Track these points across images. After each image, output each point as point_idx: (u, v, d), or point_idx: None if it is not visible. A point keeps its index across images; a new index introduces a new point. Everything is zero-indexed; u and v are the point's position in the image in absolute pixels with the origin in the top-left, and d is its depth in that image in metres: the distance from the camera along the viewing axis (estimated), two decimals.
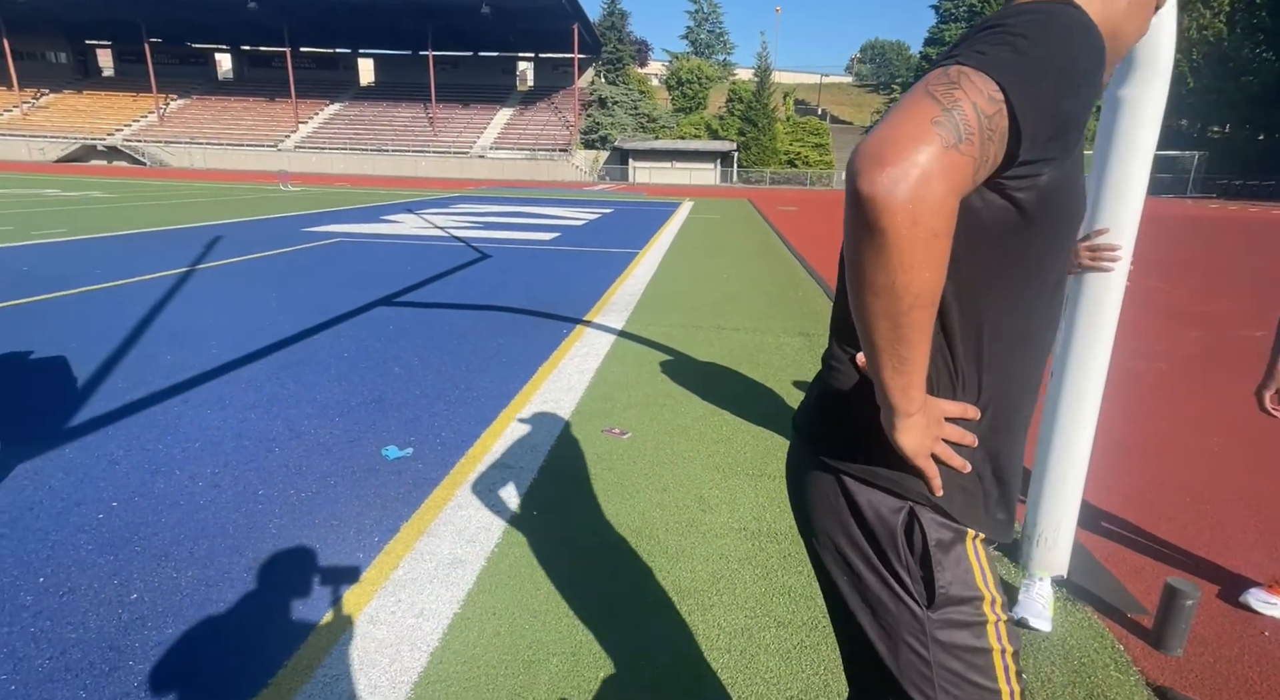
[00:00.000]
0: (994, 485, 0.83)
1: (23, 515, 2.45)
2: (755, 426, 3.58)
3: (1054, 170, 0.72)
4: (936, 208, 0.63)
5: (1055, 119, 0.69)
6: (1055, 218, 0.75)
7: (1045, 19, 0.69)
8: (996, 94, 0.65)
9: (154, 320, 5.40)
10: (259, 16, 41.00)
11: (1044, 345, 0.85)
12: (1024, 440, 0.88)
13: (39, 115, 45.06)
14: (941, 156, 0.63)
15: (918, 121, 0.63)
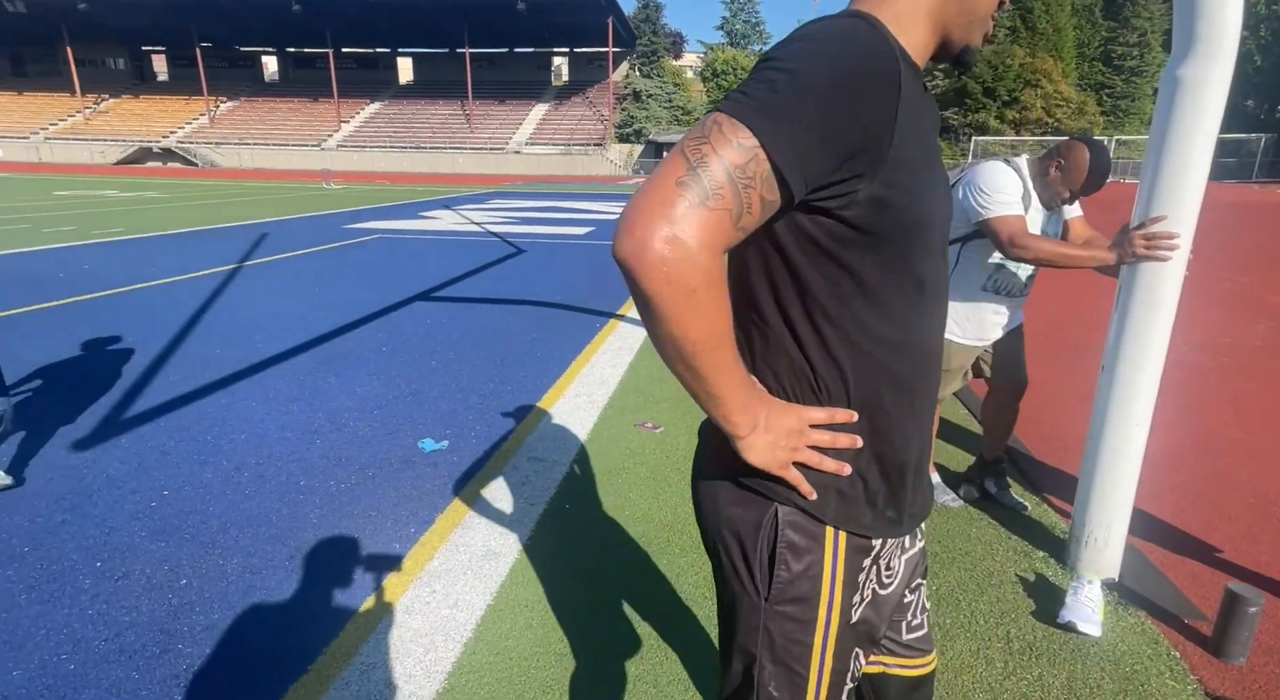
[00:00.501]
0: (881, 485, 0.86)
1: (82, 502, 2.57)
2: None
3: (872, 184, 0.73)
4: (689, 266, 0.66)
5: (826, 145, 0.69)
6: (895, 225, 0.76)
7: (812, 44, 0.71)
8: (748, 141, 0.67)
9: (203, 315, 5.59)
10: (303, 19, 42.04)
11: (924, 346, 0.86)
12: (919, 439, 0.89)
13: (99, 120, 47.11)
14: (687, 216, 0.66)
15: (665, 184, 0.67)
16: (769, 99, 0.68)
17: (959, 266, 2.40)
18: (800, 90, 0.67)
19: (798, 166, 0.68)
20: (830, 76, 0.68)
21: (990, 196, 2.17)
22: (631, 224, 0.67)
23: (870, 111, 0.70)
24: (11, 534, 2.33)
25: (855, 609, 0.89)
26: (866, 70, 0.69)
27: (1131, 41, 48.31)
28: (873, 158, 0.71)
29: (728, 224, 0.68)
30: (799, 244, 0.77)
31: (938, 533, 2.47)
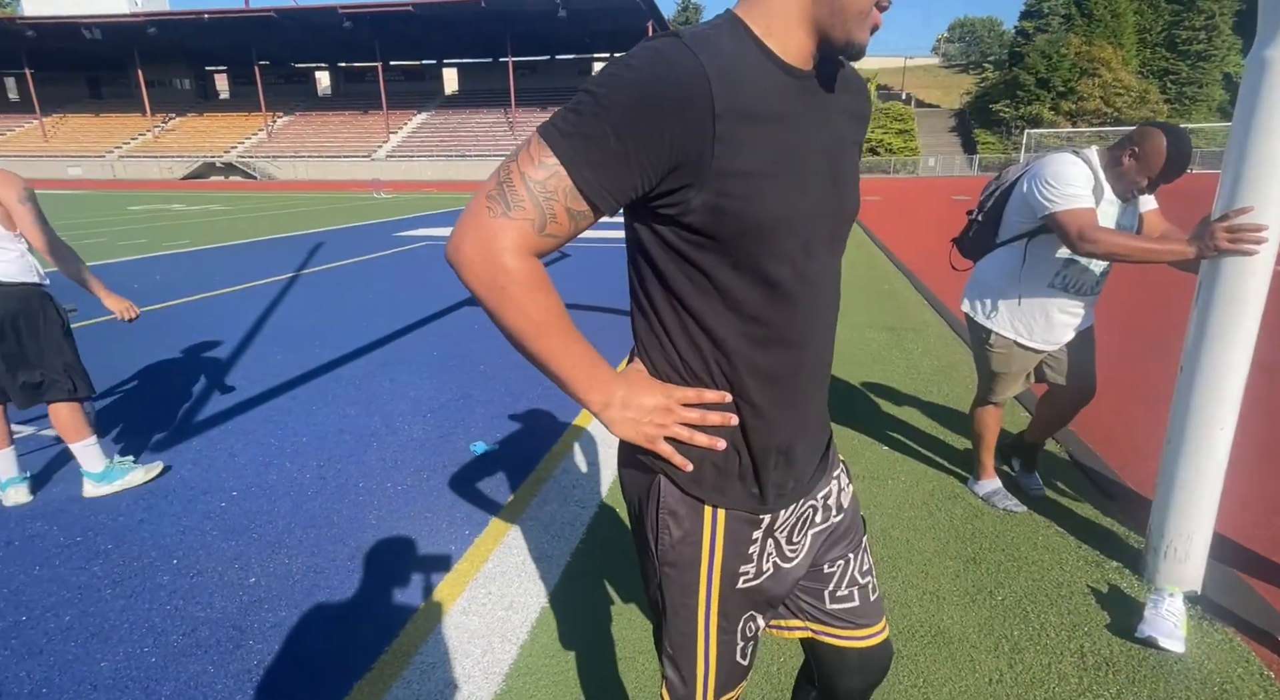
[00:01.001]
0: (747, 463, 0.92)
1: (158, 502, 2.69)
2: (840, 426, 3.46)
3: (703, 193, 0.78)
4: (494, 267, 0.78)
5: (628, 162, 0.75)
6: (734, 229, 0.81)
7: (620, 69, 0.76)
8: (549, 160, 0.76)
9: (265, 322, 5.82)
10: (354, 35, 43.47)
11: (790, 341, 0.90)
12: (789, 425, 0.94)
13: (167, 137, 49.67)
14: (490, 225, 0.78)
15: (478, 199, 0.79)
16: (574, 121, 0.76)
17: (1026, 264, 2.31)
18: (600, 113, 0.74)
19: (597, 182, 0.76)
20: (628, 100, 0.74)
21: (1057, 189, 2.08)
22: (453, 233, 0.80)
23: (677, 130, 0.75)
24: (97, 532, 2.47)
25: (745, 578, 0.96)
26: (667, 94, 0.74)
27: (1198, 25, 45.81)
28: (695, 170, 0.77)
29: (530, 231, 0.78)
30: (660, 247, 0.85)
31: (1001, 540, 2.38)
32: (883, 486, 2.81)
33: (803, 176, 0.83)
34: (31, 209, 2.47)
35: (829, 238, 0.91)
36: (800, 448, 0.97)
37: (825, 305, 0.94)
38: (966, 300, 2.58)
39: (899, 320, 5.68)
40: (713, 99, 0.75)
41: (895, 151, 46.84)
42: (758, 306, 0.86)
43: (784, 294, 0.87)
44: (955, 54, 76.75)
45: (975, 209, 2.54)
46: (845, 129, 0.93)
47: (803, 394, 0.95)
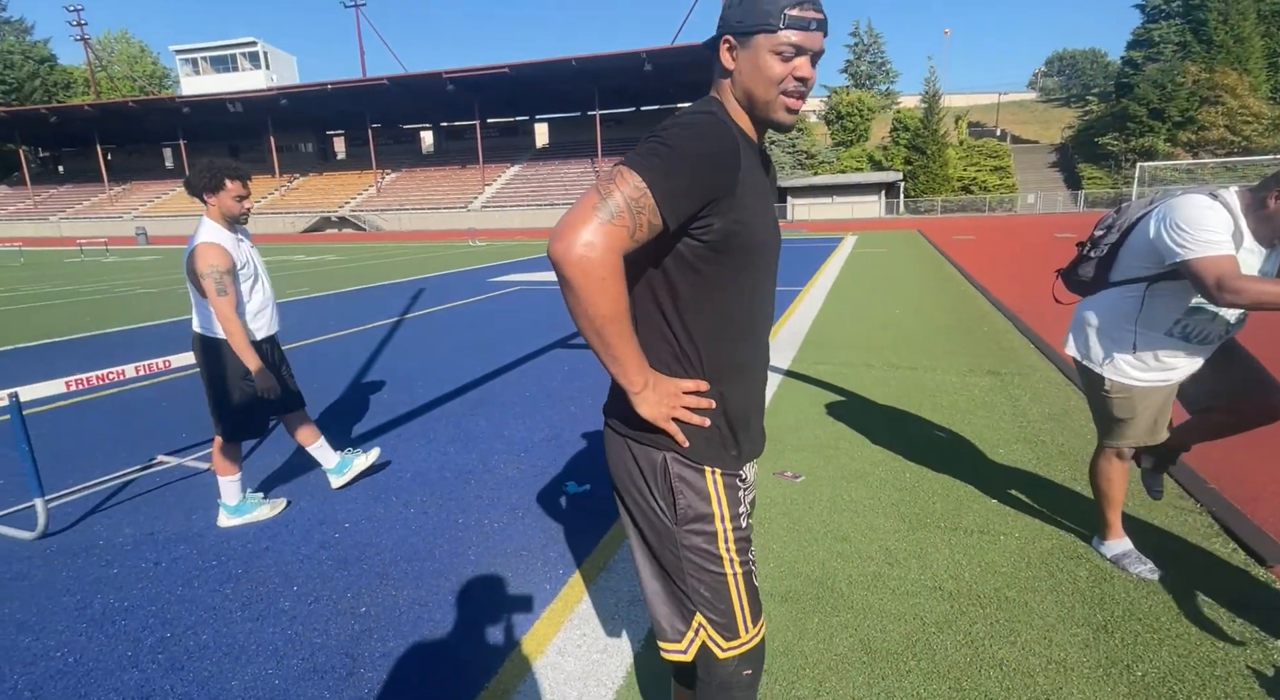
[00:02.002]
0: (728, 433, 1.21)
1: (280, 531, 2.90)
2: (942, 475, 3.29)
3: (723, 219, 1.07)
4: (598, 261, 0.99)
5: (691, 192, 1.02)
6: (739, 246, 1.11)
7: (685, 129, 1.04)
8: (640, 183, 1.00)
9: (373, 364, 6.23)
10: (455, 97, 46.92)
11: (756, 335, 1.22)
12: (750, 400, 1.24)
13: (291, 195, 54.89)
14: (598, 229, 0.99)
15: (584, 208, 1.00)
16: (655, 159, 1.01)
17: (1144, 309, 2.16)
18: (677, 156, 1.01)
19: (671, 204, 1.01)
20: (696, 149, 1.03)
21: (1191, 234, 1.93)
22: (561, 234, 1.00)
23: (720, 173, 1.05)
24: (229, 557, 2.68)
25: (742, 519, 1.24)
26: (717, 147, 1.04)
27: None
28: (724, 203, 1.06)
29: (625, 236, 1.00)
30: (674, 259, 1.11)
31: (1137, 607, 2.17)
32: (994, 542, 2.63)
33: (770, 214, 1.18)
34: (209, 284, 2.70)
35: (775, 259, 1.23)
36: (756, 422, 1.28)
37: (772, 310, 1.27)
38: (1073, 343, 2.43)
39: (1002, 364, 5.38)
40: (740, 153, 1.07)
41: (990, 189, 44.99)
42: (742, 305, 1.16)
43: (756, 297, 1.18)
44: (1054, 88, 73.57)
45: (1088, 242, 2.39)
46: (773, 190, 1.26)
47: (759, 376, 1.27)
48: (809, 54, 1.10)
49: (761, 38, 1.08)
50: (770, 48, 1.08)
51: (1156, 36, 44.61)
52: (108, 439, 4.21)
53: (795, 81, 1.10)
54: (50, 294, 12.86)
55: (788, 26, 1.07)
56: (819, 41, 1.11)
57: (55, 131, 56.36)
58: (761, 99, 1.11)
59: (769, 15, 1.06)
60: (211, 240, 2.72)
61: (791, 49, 1.08)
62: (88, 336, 8.03)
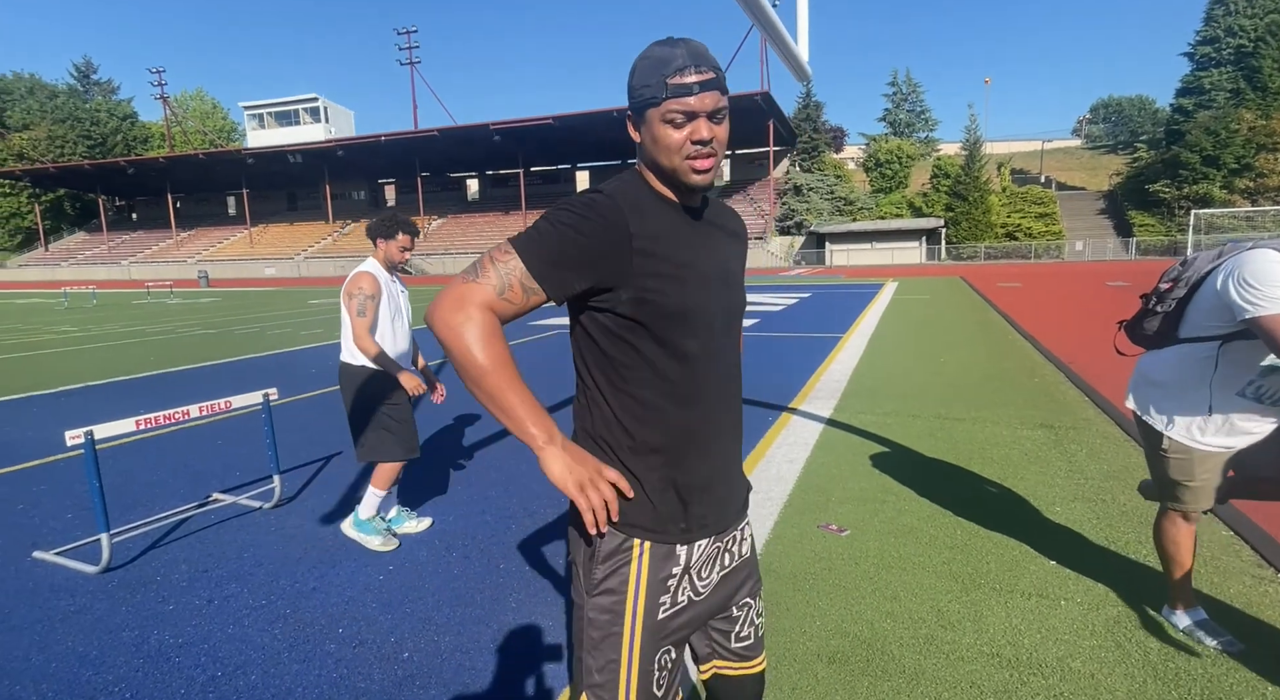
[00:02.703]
0: (677, 506, 1.15)
1: (328, 571, 2.95)
2: (995, 533, 3.17)
3: (630, 291, 1.08)
4: (463, 313, 1.04)
5: (563, 266, 1.06)
6: (656, 315, 1.10)
7: (567, 208, 1.08)
8: (511, 252, 1.06)
9: (418, 404, 6.36)
10: (500, 146, 48.88)
11: (699, 398, 1.17)
12: (706, 467, 1.18)
13: (344, 240, 57.32)
14: (462, 287, 1.05)
15: (457, 276, 1.07)
16: (531, 234, 1.07)
17: (1218, 369, 2.07)
18: (550, 231, 1.06)
19: (544, 268, 1.05)
20: (570, 223, 1.06)
21: (1261, 291, 1.87)
22: (437, 298, 1.07)
23: (605, 249, 1.06)
24: (278, 596, 2.73)
25: (664, 609, 1.15)
26: (592, 227, 1.06)
27: None
28: (621, 276, 1.07)
29: (491, 293, 1.04)
30: (600, 330, 1.13)
31: (1217, 685, 2.03)
32: (1054, 607, 2.51)
33: (702, 278, 1.14)
34: (353, 304, 3.06)
35: (726, 322, 1.20)
36: (720, 488, 1.21)
37: (726, 374, 1.22)
38: (1134, 398, 2.35)
39: (1056, 417, 5.20)
40: (628, 227, 1.07)
41: (1035, 236, 44.22)
42: (676, 372, 1.13)
43: (694, 363, 1.14)
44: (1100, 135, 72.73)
45: (1153, 295, 2.30)
46: (726, 246, 1.24)
47: (716, 443, 1.20)
48: (703, 116, 1.08)
49: (651, 111, 1.08)
50: (660, 118, 1.08)
51: (1207, 83, 43.93)
52: (167, 475, 4.38)
53: (694, 145, 1.08)
54: (119, 334, 13.58)
55: (670, 96, 1.06)
56: (710, 102, 1.07)
57: (131, 182, 60.51)
58: (667, 167, 1.11)
59: (651, 88, 1.07)
60: (367, 270, 3.16)
61: (681, 116, 1.07)
62: (152, 375, 8.43)
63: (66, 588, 2.85)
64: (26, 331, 14.30)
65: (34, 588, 2.86)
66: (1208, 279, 2.11)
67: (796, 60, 4.99)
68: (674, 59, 1.06)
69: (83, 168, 56.11)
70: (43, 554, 3.15)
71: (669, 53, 1.07)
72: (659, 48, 1.09)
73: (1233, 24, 43.17)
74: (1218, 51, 43.93)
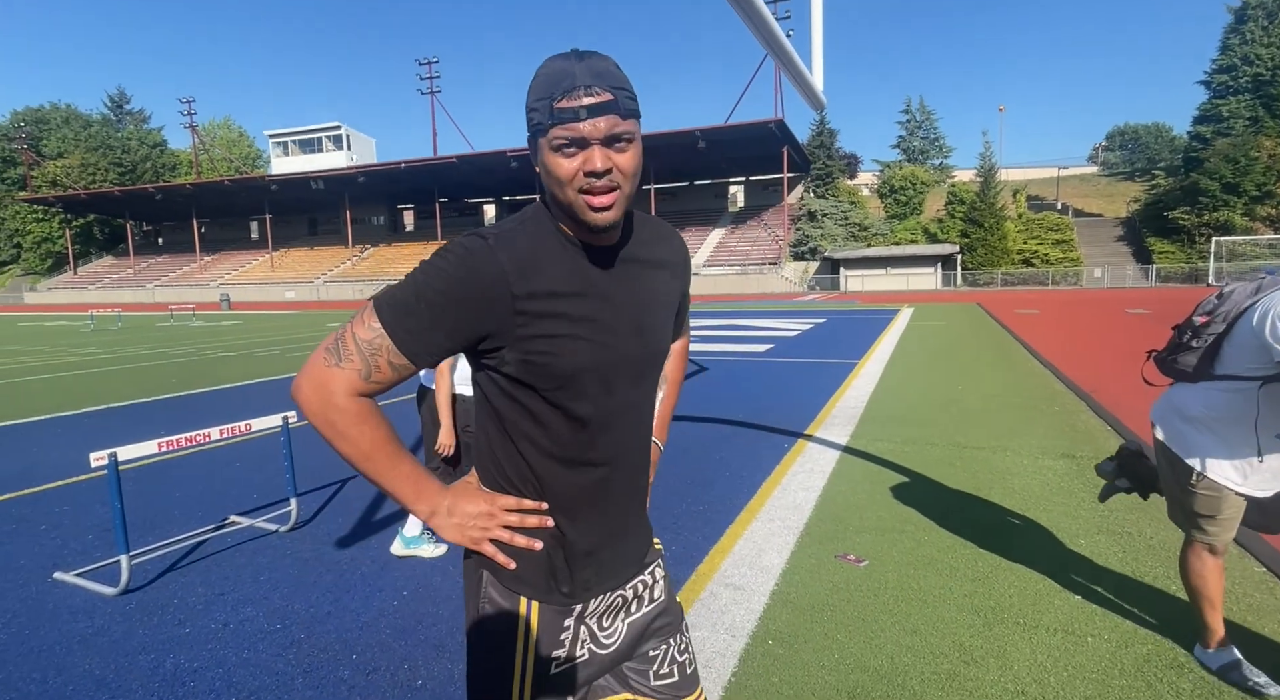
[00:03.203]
0: (563, 566, 1.07)
1: (342, 596, 2.95)
2: (1018, 565, 3.11)
3: (514, 350, 0.98)
4: (326, 406, 0.97)
5: (434, 329, 0.96)
6: (544, 376, 1.00)
7: (439, 261, 0.96)
8: (376, 325, 0.96)
9: None
10: (518, 173, 49.66)
11: (600, 461, 1.07)
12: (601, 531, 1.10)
13: (363, 264, 58.28)
14: (325, 373, 0.97)
15: (319, 353, 0.98)
16: (398, 298, 0.97)
17: (1261, 411, 2.02)
18: (419, 294, 0.95)
19: (412, 344, 0.96)
20: (439, 286, 0.95)
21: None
22: (297, 377, 0.99)
23: (479, 311, 0.96)
24: (292, 621, 2.73)
25: (557, 663, 1.08)
26: (467, 285, 0.95)
27: None
28: (503, 337, 0.98)
29: (357, 378, 0.97)
30: (493, 386, 1.04)
31: None
32: (1081, 644, 2.44)
33: (604, 334, 1.02)
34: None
35: (632, 376, 1.08)
36: (608, 553, 1.12)
37: (629, 432, 1.11)
38: (1164, 431, 2.30)
39: (1077, 447, 5.11)
40: (510, 287, 0.96)
41: (1052, 262, 43.92)
42: (567, 435, 1.04)
43: (587, 425, 1.04)
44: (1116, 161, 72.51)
45: (1187, 329, 2.23)
46: (653, 283, 1.11)
47: (612, 506, 1.11)
48: (596, 143, 0.93)
49: (541, 140, 0.96)
50: (549, 147, 0.94)
51: (1225, 111, 43.82)
52: (186, 497, 4.42)
53: (586, 177, 0.94)
54: (143, 356, 13.83)
55: (555, 122, 0.93)
56: (605, 126, 0.92)
57: (158, 207, 62.08)
58: (564, 202, 0.97)
59: (538, 113, 0.95)
60: None
61: (569, 144, 0.93)
62: (173, 397, 8.55)
63: (85, 609, 2.87)
64: (54, 353, 14.61)
65: (54, 609, 2.88)
66: (1245, 315, 2.03)
67: (811, 89, 5.06)
68: (564, 78, 0.92)
69: (112, 194, 57.76)
70: (63, 575, 3.18)
71: (562, 69, 0.93)
72: (554, 62, 0.95)
73: (1249, 53, 43.18)
74: (1235, 79, 43.89)
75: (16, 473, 5.07)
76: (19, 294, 62.12)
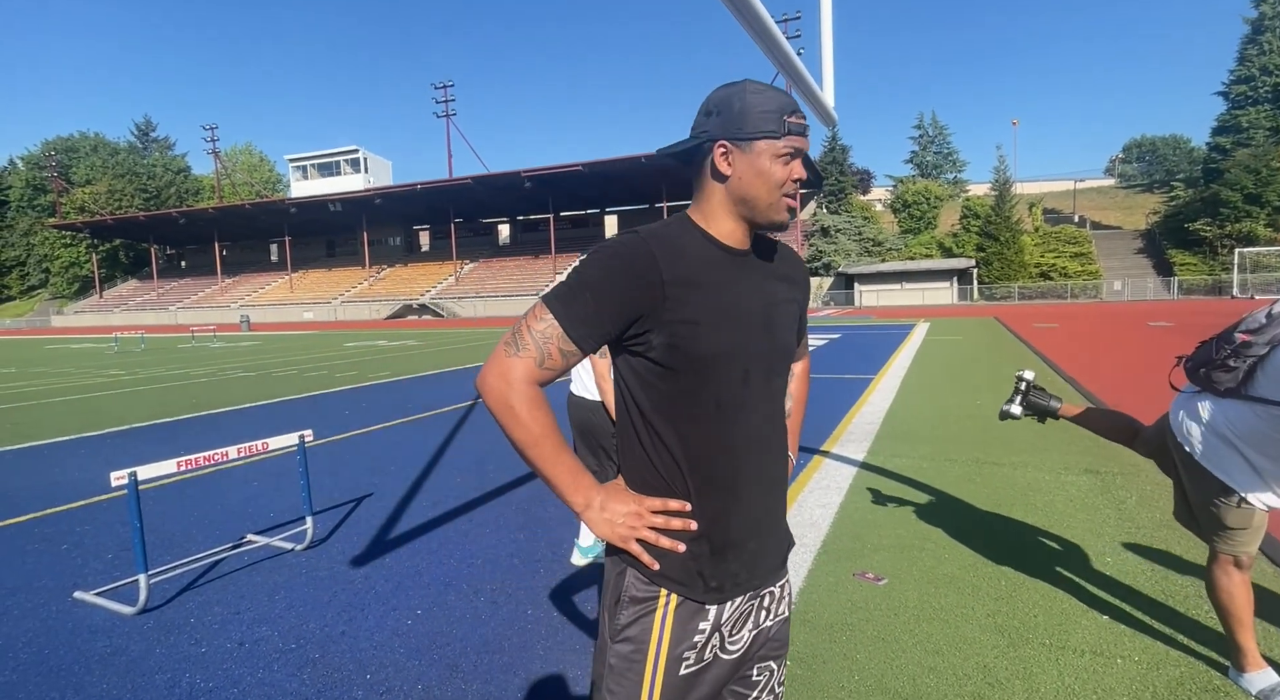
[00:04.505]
0: (709, 561, 1.12)
1: (356, 615, 2.94)
2: (1043, 583, 3.03)
3: (660, 334, 1.07)
4: (507, 391, 1.07)
5: (599, 315, 1.06)
6: (688, 362, 1.08)
7: (595, 256, 1.09)
8: (546, 316, 1.07)
9: (449, 446, 6.41)
10: (531, 193, 50.30)
11: (735, 448, 1.13)
12: (742, 521, 1.14)
13: (379, 285, 59.05)
14: (504, 362, 1.08)
15: (499, 346, 1.09)
16: (564, 291, 1.08)
17: None
18: (582, 284, 1.07)
19: (577, 330, 1.06)
20: (598, 274, 1.07)
21: None
22: (482, 368, 1.10)
23: (634, 292, 1.06)
24: (306, 640, 2.73)
25: (687, 663, 1.11)
26: (624, 269, 1.06)
27: None
28: (652, 319, 1.07)
29: (532, 365, 1.07)
30: (633, 375, 1.13)
31: None
32: (1110, 666, 2.37)
33: (737, 324, 1.11)
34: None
35: (765, 370, 1.16)
36: (754, 543, 1.16)
37: (765, 422, 1.17)
38: (1201, 445, 2.22)
39: (1101, 462, 5.01)
40: (661, 271, 1.07)
41: (1070, 276, 43.45)
42: (709, 421, 1.11)
43: (729, 411, 1.12)
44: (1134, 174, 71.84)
45: (1225, 346, 2.13)
46: (777, 290, 1.20)
47: (756, 494, 1.16)
48: (802, 156, 1.14)
49: (763, 144, 1.10)
50: (773, 153, 1.10)
51: (1245, 122, 43.40)
52: (204, 516, 4.45)
53: (793, 183, 1.13)
54: (164, 377, 14.05)
55: (789, 132, 1.10)
56: (808, 144, 1.15)
57: (182, 231, 63.52)
58: (765, 202, 1.12)
59: (771, 122, 1.10)
60: None
61: (791, 153, 1.12)
62: (193, 417, 8.66)
63: (104, 628, 2.88)
64: (79, 375, 14.89)
65: (74, 628, 2.90)
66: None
67: (822, 106, 5.08)
68: (788, 101, 1.12)
69: (138, 219, 59.18)
70: (83, 594, 3.20)
71: (780, 94, 1.13)
72: (768, 88, 1.13)
73: (1267, 63, 42.88)
74: (1254, 90, 43.52)
75: (41, 492, 5.14)
76: (46, 317, 63.56)
